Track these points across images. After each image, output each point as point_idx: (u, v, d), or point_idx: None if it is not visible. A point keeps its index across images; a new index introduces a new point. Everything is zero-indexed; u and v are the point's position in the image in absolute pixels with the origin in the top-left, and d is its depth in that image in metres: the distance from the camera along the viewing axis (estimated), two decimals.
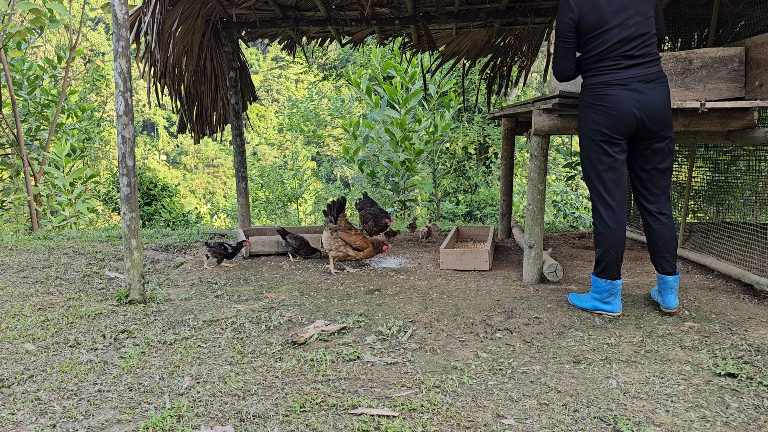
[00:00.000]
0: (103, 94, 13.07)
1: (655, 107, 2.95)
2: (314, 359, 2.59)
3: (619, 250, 3.13)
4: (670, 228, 3.13)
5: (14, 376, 2.45)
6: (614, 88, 2.98)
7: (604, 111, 3.01)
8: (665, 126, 3.00)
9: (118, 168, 3.47)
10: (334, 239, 4.23)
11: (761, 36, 3.50)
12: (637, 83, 2.96)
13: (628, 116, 2.96)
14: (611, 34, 2.99)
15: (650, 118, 2.96)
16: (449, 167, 11.30)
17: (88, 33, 31.92)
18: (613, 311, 3.14)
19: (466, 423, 2.01)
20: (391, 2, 5.37)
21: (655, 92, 2.96)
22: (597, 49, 3.03)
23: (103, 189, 10.79)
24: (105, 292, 3.81)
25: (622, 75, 2.98)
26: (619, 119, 2.98)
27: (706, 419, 2.03)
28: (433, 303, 3.39)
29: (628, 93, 2.96)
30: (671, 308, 3.09)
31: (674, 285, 3.11)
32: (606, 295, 3.16)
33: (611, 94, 2.98)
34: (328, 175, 24.83)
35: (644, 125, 2.98)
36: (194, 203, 25.59)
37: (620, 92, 2.97)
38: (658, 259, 3.16)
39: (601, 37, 3.01)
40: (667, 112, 3.00)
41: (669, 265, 3.13)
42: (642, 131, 3.00)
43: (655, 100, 2.95)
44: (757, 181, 4.84)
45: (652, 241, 3.16)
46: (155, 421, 2.02)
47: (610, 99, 2.99)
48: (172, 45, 4.98)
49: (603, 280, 3.16)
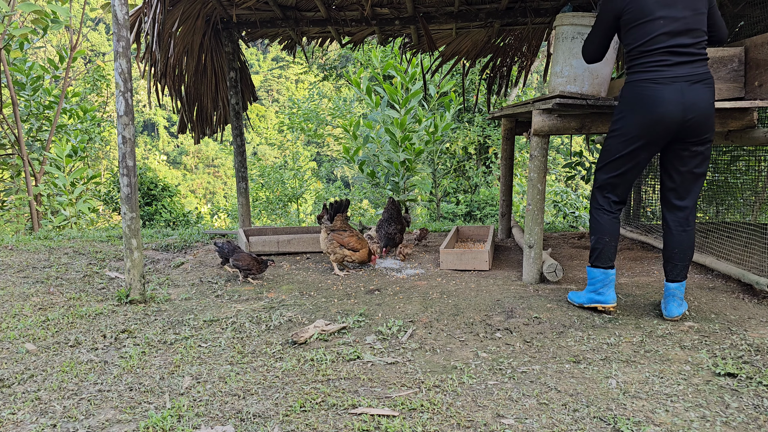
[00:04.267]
0: (104, 94, 13.07)
1: (700, 109, 2.82)
2: (314, 359, 2.59)
3: (613, 238, 3.12)
4: (690, 237, 3.04)
5: (15, 376, 2.45)
6: (658, 86, 2.84)
7: (645, 112, 2.88)
8: (708, 129, 2.87)
9: (119, 168, 3.47)
10: (329, 241, 4.21)
11: (761, 36, 3.51)
12: (683, 83, 2.81)
13: (669, 118, 2.82)
14: (656, 25, 2.83)
15: (694, 120, 2.82)
16: (449, 167, 11.31)
17: (89, 33, 31.93)
18: (607, 302, 3.12)
19: (466, 423, 2.02)
20: (391, 2, 5.37)
21: (701, 93, 2.82)
22: (640, 40, 2.88)
23: (104, 189, 10.79)
24: (105, 292, 3.81)
25: (668, 73, 2.82)
26: (659, 121, 2.85)
27: (706, 419, 2.03)
28: (433, 303, 3.39)
29: (673, 93, 2.81)
30: (671, 317, 3.03)
31: (676, 293, 3.04)
32: (599, 286, 3.14)
33: (655, 94, 2.84)
34: (328, 175, 24.85)
35: (687, 127, 2.84)
36: (194, 203, 25.60)
37: (663, 91, 2.83)
38: (670, 267, 3.08)
39: (644, 28, 2.86)
40: (711, 114, 2.86)
41: (679, 274, 3.05)
42: (683, 133, 2.87)
43: (701, 101, 2.82)
44: (756, 181, 4.84)
45: (669, 247, 3.07)
46: (155, 421, 2.03)
47: (653, 99, 2.85)
48: (173, 45, 4.98)
49: (597, 269, 3.15)
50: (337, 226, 4.27)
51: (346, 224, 4.33)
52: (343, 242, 4.19)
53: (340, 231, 4.24)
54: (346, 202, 4.38)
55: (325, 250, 4.24)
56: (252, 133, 30.21)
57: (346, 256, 4.21)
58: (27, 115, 8.32)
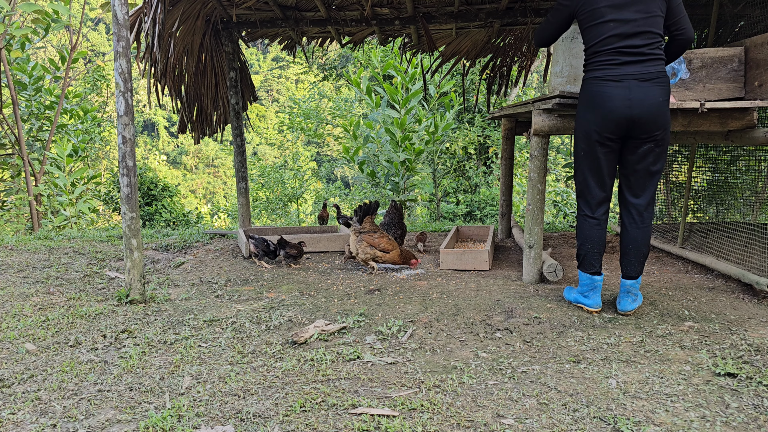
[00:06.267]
0: (104, 94, 13.08)
1: (648, 106, 2.89)
2: (314, 359, 2.60)
3: (595, 244, 3.14)
4: (645, 233, 3.08)
5: (15, 376, 2.45)
6: (607, 83, 2.93)
7: (596, 109, 2.98)
8: (658, 126, 2.93)
9: (119, 168, 3.47)
10: (359, 242, 4.20)
11: (761, 36, 3.51)
12: (632, 80, 2.90)
13: (618, 114, 2.91)
14: (607, 27, 2.94)
15: (642, 117, 2.90)
16: (449, 167, 11.31)
17: (89, 33, 31.94)
18: (591, 306, 3.16)
19: (466, 423, 2.02)
20: (391, 2, 5.37)
21: (650, 91, 2.89)
22: (593, 40, 3.01)
23: (104, 189, 10.80)
24: (105, 292, 3.81)
25: (617, 71, 2.92)
26: (608, 117, 2.94)
27: (706, 419, 2.03)
28: (433, 303, 3.39)
29: (621, 90, 2.90)
30: (625, 311, 3.09)
31: (631, 289, 3.11)
32: (585, 289, 3.19)
33: (603, 91, 2.94)
34: (328, 175, 24.86)
35: (635, 123, 2.92)
36: (195, 203, 25.62)
37: (612, 89, 2.92)
38: (625, 262, 3.13)
39: (596, 29, 2.99)
40: (662, 111, 2.92)
41: (633, 270, 3.10)
42: (633, 129, 2.95)
43: (649, 99, 2.89)
44: (756, 181, 4.84)
45: (624, 243, 3.13)
46: (155, 421, 2.03)
47: (602, 96, 2.94)
48: (173, 45, 4.98)
49: (583, 273, 3.20)
50: (366, 228, 4.28)
51: (376, 226, 4.34)
52: (374, 243, 4.18)
53: (370, 233, 4.25)
54: (375, 204, 4.37)
55: (355, 252, 4.24)
56: (252, 133, 30.22)
57: (377, 257, 4.20)
58: (28, 115, 8.33)
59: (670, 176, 5.50)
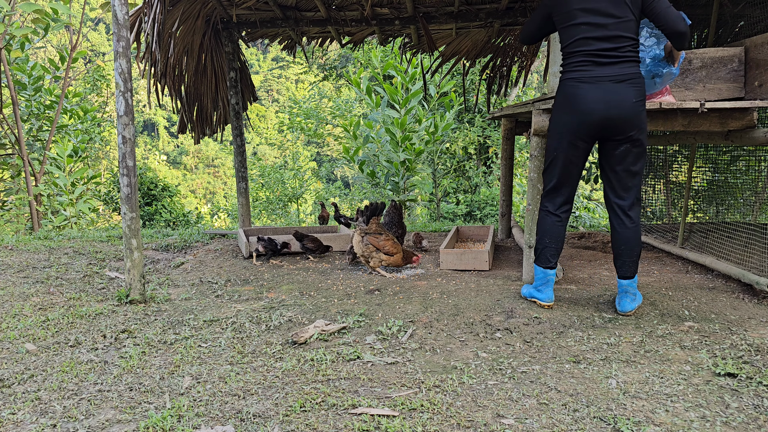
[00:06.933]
0: (104, 94, 13.07)
1: (623, 107, 2.90)
2: (314, 359, 2.60)
3: (553, 240, 3.19)
4: (635, 233, 3.09)
5: (15, 376, 2.45)
6: (583, 85, 2.95)
7: (571, 109, 3.00)
8: (634, 127, 2.94)
9: (119, 168, 3.47)
10: (364, 244, 4.15)
11: (761, 36, 3.51)
12: (607, 82, 2.91)
13: (593, 115, 2.93)
14: (579, 30, 2.97)
15: (618, 117, 2.92)
16: (449, 167, 11.31)
17: (89, 33, 31.94)
18: (543, 300, 3.21)
19: (466, 423, 2.02)
20: (391, 2, 5.37)
21: (625, 92, 2.90)
22: (567, 41, 3.04)
23: (104, 189, 10.80)
24: (105, 292, 3.81)
25: (592, 72, 2.94)
26: (583, 118, 2.96)
27: (706, 419, 2.03)
28: (433, 303, 3.39)
29: (596, 91, 2.92)
30: (625, 312, 3.10)
31: (628, 289, 3.12)
32: (539, 284, 3.25)
33: (578, 92, 2.96)
34: (328, 175, 24.85)
35: (611, 124, 2.94)
36: (195, 203, 25.61)
37: (587, 90, 2.94)
38: (619, 263, 3.15)
39: (569, 31, 3.02)
40: (637, 112, 2.93)
41: (628, 270, 3.12)
42: (609, 130, 2.97)
43: (624, 100, 2.90)
44: (756, 181, 4.85)
45: (616, 244, 3.15)
46: (155, 421, 2.03)
47: (577, 97, 2.96)
48: (173, 45, 4.98)
49: (538, 267, 3.25)
50: (372, 229, 4.20)
51: (381, 227, 4.27)
52: (379, 245, 4.12)
53: (376, 234, 4.18)
54: (382, 205, 4.32)
55: (359, 253, 4.19)
56: (252, 133, 30.23)
57: (382, 261, 4.15)
58: (28, 115, 8.33)
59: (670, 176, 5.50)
